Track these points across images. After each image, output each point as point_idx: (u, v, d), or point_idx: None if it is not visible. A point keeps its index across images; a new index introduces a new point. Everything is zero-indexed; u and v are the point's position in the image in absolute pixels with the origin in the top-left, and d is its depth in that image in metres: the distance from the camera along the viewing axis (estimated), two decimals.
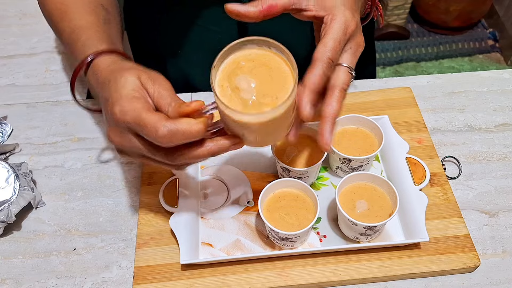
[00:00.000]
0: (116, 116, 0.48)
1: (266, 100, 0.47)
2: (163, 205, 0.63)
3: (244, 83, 0.47)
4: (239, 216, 0.65)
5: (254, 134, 0.49)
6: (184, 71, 0.83)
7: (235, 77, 0.47)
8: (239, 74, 0.47)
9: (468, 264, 0.59)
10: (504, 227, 0.64)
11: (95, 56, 0.55)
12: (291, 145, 0.65)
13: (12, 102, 0.81)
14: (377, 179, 0.60)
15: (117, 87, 0.49)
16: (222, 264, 0.60)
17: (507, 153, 0.71)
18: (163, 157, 0.49)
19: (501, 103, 0.77)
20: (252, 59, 0.49)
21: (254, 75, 0.47)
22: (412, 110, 0.74)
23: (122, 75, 0.49)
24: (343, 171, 0.66)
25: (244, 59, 0.48)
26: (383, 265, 0.59)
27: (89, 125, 0.77)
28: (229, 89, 0.47)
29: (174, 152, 0.48)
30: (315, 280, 0.58)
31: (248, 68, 0.48)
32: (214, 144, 0.49)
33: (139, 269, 0.60)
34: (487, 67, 2.05)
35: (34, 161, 0.73)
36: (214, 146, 0.49)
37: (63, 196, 0.69)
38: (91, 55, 0.55)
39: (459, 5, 2.00)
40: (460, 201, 0.65)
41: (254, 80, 0.47)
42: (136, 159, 0.53)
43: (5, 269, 0.62)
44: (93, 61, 0.56)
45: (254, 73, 0.48)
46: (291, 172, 0.62)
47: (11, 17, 0.95)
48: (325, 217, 0.64)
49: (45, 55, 0.88)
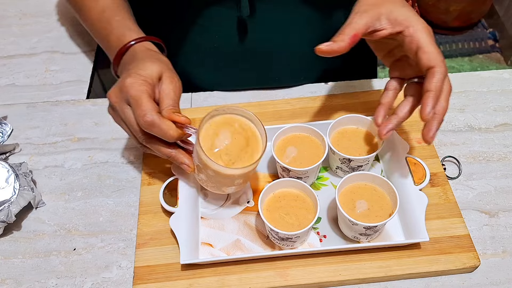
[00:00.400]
0: (124, 84, 0.56)
1: (226, 157, 0.58)
2: (163, 205, 0.63)
3: (224, 137, 0.59)
4: (239, 216, 0.65)
5: (204, 173, 0.59)
6: (185, 70, 0.83)
7: (221, 129, 0.59)
8: (225, 129, 0.59)
9: (468, 264, 0.59)
10: (504, 227, 0.64)
11: (137, 41, 0.65)
12: (291, 145, 0.65)
13: (12, 102, 0.81)
14: (377, 179, 0.60)
15: (141, 67, 0.58)
16: (222, 264, 0.60)
17: (507, 153, 0.71)
18: (137, 132, 0.58)
19: (501, 103, 0.77)
20: (242, 125, 0.60)
21: (235, 135, 0.59)
22: None
23: (152, 61, 0.59)
24: (343, 171, 0.66)
25: (237, 122, 0.60)
26: (383, 265, 0.59)
27: (89, 125, 0.77)
28: (211, 134, 0.58)
29: (147, 136, 0.58)
30: (315, 280, 0.58)
31: (234, 129, 0.59)
32: (175, 152, 0.59)
33: (139, 269, 0.60)
34: (487, 67, 2.05)
35: (34, 161, 0.73)
36: (174, 153, 0.59)
37: (63, 196, 0.69)
38: (134, 40, 0.65)
39: (459, 5, 2.00)
40: (460, 201, 0.65)
41: (231, 139, 0.59)
42: (118, 121, 0.61)
43: (5, 269, 0.62)
44: (134, 45, 0.64)
45: (236, 134, 0.59)
46: (291, 172, 0.62)
47: (11, 17, 0.95)
48: (325, 217, 0.64)
49: (45, 55, 0.88)
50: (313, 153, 0.64)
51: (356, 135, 0.67)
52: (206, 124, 0.58)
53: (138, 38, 0.65)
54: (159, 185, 0.66)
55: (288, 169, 0.62)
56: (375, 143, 0.66)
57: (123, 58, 0.65)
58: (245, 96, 0.80)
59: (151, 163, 0.70)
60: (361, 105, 0.75)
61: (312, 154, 0.64)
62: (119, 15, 0.69)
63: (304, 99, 0.77)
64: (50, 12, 0.96)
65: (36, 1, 0.98)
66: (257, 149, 0.59)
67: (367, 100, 0.76)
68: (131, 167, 0.71)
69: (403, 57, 0.61)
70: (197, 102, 0.79)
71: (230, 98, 0.80)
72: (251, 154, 0.59)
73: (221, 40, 0.78)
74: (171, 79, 0.59)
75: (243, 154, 0.59)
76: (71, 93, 0.82)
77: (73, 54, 0.88)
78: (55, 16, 0.95)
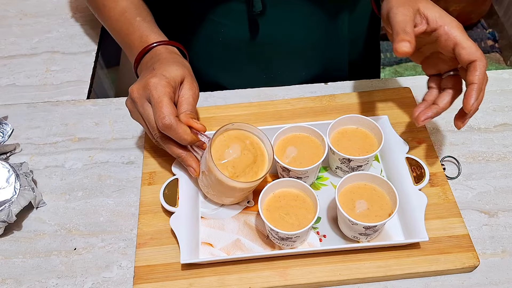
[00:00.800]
0: (149, 83, 0.59)
1: (232, 169, 0.60)
2: (164, 204, 0.63)
3: (234, 151, 0.61)
4: (239, 216, 0.65)
5: (208, 180, 0.61)
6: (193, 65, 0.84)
7: (232, 143, 0.62)
8: (237, 143, 0.62)
9: (468, 264, 0.59)
10: (504, 227, 0.64)
11: (160, 44, 0.67)
12: (291, 145, 0.65)
13: (13, 102, 0.81)
14: (377, 179, 0.61)
15: (166, 69, 0.61)
16: (222, 263, 0.60)
17: (507, 153, 0.71)
18: (153, 129, 0.61)
19: (501, 103, 0.77)
20: (253, 143, 0.62)
21: (245, 151, 0.61)
22: (412, 110, 0.74)
23: (177, 65, 0.63)
24: (342, 171, 0.66)
25: (249, 140, 0.63)
26: (383, 264, 0.59)
27: (89, 125, 0.77)
28: (222, 145, 0.61)
29: (162, 135, 0.61)
30: (315, 279, 0.58)
31: (245, 145, 0.62)
32: (185, 154, 0.62)
33: (140, 268, 0.60)
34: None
35: (35, 161, 0.73)
36: (184, 155, 0.62)
37: (63, 196, 0.69)
38: (157, 42, 0.67)
39: (458, 5, 2.00)
40: (459, 201, 0.65)
41: (240, 154, 0.61)
42: (136, 116, 0.64)
43: (5, 268, 0.62)
44: (156, 46, 0.67)
45: (246, 150, 0.61)
46: (291, 172, 0.62)
47: (12, 17, 0.95)
48: (325, 217, 0.64)
49: (46, 55, 0.88)
50: (313, 153, 0.64)
51: (356, 135, 0.67)
52: (220, 135, 0.62)
53: (161, 41, 0.67)
54: (160, 185, 0.66)
55: (288, 169, 0.62)
56: (375, 143, 0.66)
57: (144, 58, 0.67)
58: (245, 96, 0.80)
59: (152, 163, 0.70)
60: (361, 105, 0.75)
61: (312, 154, 0.64)
62: (140, 16, 0.71)
63: (304, 99, 0.77)
64: (50, 12, 0.96)
65: (36, 1, 0.98)
66: (263, 168, 0.61)
67: (366, 100, 0.76)
68: (132, 167, 0.71)
69: (433, 54, 0.63)
70: (197, 102, 0.79)
71: (230, 98, 0.80)
72: (256, 171, 0.61)
73: (230, 35, 0.79)
74: (191, 85, 0.63)
75: (248, 170, 0.61)
76: (72, 93, 0.82)
77: (73, 54, 0.89)
78: (56, 16, 0.95)
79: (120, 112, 0.78)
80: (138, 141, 0.74)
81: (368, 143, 0.66)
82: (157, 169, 0.69)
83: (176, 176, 0.66)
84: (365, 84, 0.80)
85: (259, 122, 0.73)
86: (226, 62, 0.84)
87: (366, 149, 0.65)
